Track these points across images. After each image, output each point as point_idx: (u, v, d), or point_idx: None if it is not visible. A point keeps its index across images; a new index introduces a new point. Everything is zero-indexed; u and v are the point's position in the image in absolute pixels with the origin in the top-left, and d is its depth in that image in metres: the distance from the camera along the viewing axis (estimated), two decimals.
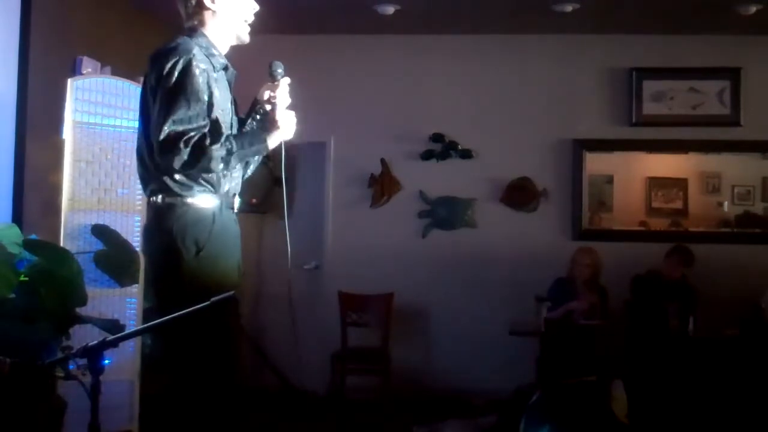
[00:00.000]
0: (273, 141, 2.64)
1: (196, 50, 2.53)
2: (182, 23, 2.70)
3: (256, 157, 2.73)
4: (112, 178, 4.19)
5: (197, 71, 2.49)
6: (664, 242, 5.61)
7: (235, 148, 2.50)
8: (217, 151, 2.44)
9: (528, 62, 6.12)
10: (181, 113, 2.43)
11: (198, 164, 2.44)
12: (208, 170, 2.49)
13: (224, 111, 2.62)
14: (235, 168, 2.61)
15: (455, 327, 6.02)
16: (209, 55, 2.58)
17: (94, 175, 4.14)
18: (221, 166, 2.49)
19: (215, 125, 2.53)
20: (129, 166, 4.10)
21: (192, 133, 2.42)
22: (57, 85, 4.09)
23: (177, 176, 2.53)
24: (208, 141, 2.44)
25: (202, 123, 2.48)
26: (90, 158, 4.12)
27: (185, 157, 2.41)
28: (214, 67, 2.58)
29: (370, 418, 5.46)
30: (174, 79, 2.45)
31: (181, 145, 2.40)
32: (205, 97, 2.51)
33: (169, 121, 2.42)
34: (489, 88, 6.14)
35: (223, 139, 2.48)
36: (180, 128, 2.42)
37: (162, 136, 2.42)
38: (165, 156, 2.43)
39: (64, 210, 4.03)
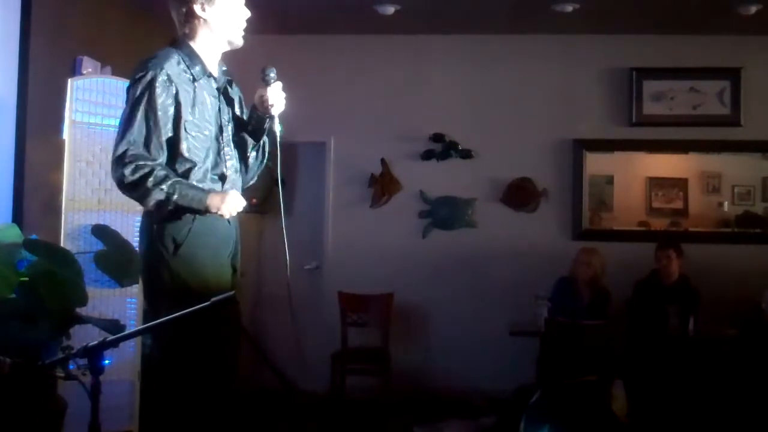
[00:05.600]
0: (212, 206, 2.57)
1: (171, 62, 2.56)
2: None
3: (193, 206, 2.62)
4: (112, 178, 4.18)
5: (159, 89, 2.52)
6: None
7: (175, 197, 2.50)
8: (157, 193, 2.49)
9: (528, 62, 6.11)
10: (137, 134, 2.51)
11: (134, 194, 2.53)
12: (140, 202, 2.56)
13: (202, 120, 2.61)
14: (167, 211, 2.56)
15: (455, 327, 6.02)
16: (190, 65, 2.60)
17: (94, 175, 4.14)
18: (152, 206, 2.52)
19: (173, 147, 2.56)
20: None
21: (142, 163, 2.49)
22: (57, 85, 4.09)
23: None
24: (151, 181, 2.48)
25: (159, 157, 2.53)
26: (90, 158, 4.12)
27: (126, 182, 2.50)
28: (194, 77, 2.59)
29: (370, 418, 5.47)
30: (137, 93, 2.52)
31: (129, 170, 2.48)
32: (169, 114, 2.54)
33: (126, 140, 2.50)
34: (489, 88, 6.14)
35: (168, 183, 2.49)
36: (135, 152, 2.50)
37: (118, 152, 2.51)
38: (114, 169, 2.53)
39: (64, 210, 4.03)
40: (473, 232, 6.12)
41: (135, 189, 2.51)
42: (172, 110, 2.55)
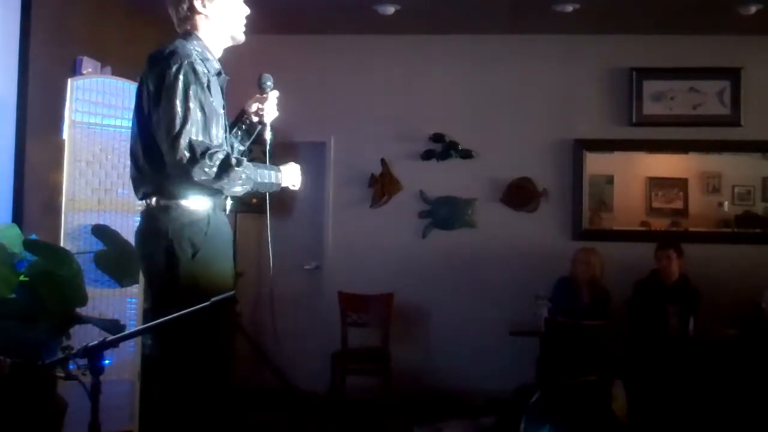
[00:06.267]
0: (285, 180, 2.67)
1: (193, 54, 2.54)
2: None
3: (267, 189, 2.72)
4: (112, 178, 4.19)
5: (200, 73, 2.49)
6: None
7: (252, 176, 2.52)
8: (240, 173, 2.47)
9: (528, 62, 6.11)
10: (195, 124, 2.44)
11: (219, 181, 2.45)
12: (221, 189, 2.50)
13: (218, 116, 2.62)
14: (241, 194, 2.61)
15: (455, 327, 6.02)
16: (204, 60, 2.58)
17: (94, 175, 4.15)
18: (235, 189, 2.52)
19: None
20: (129, 166, 4.11)
21: (214, 150, 2.44)
22: (57, 85, 4.09)
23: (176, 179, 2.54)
24: (234, 161, 2.46)
25: (222, 139, 2.52)
26: (90, 158, 4.13)
27: (212, 173, 2.42)
28: (208, 71, 2.59)
29: (370, 418, 5.46)
30: (180, 84, 2.45)
31: (207, 159, 2.41)
32: (216, 105, 2.52)
33: (185, 136, 2.41)
34: (489, 88, 6.13)
35: (245, 165, 2.50)
36: (201, 143, 2.43)
37: (182, 151, 2.41)
38: (187, 166, 2.42)
39: (64, 210, 4.03)
40: (473, 232, 6.12)
41: (221, 177, 2.43)
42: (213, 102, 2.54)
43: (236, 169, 2.45)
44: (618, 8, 5.36)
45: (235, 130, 2.83)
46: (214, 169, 2.42)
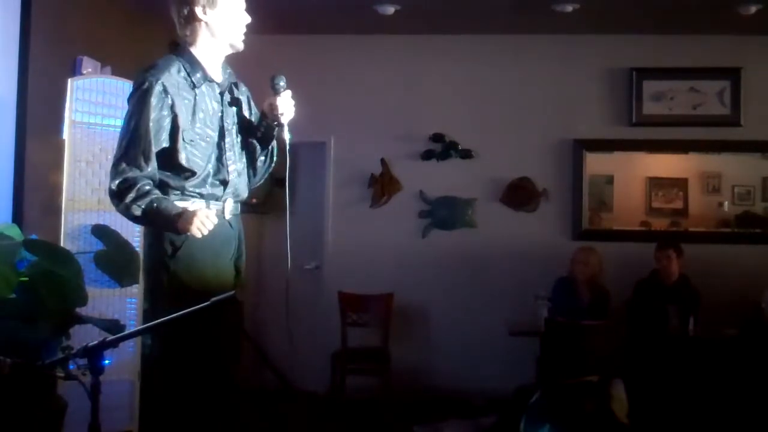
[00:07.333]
0: (181, 226, 2.51)
1: (170, 71, 2.57)
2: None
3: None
4: None
5: (154, 101, 2.52)
6: None
7: (149, 215, 2.51)
8: (134, 209, 2.50)
9: (528, 62, 6.12)
10: (130, 146, 2.52)
11: (118, 207, 2.54)
12: (122, 212, 2.56)
13: (203, 128, 2.62)
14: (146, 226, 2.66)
15: (455, 327, 6.02)
16: (191, 72, 2.61)
17: (94, 175, 4.15)
18: (132, 220, 2.58)
19: (171, 157, 2.57)
20: None
21: (130, 176, 2.50)
22: (57, 85, 4.10)
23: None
24: (131, 196, 2.49)
25: (147, 169, 2.52)
26: (90, 158, 4.13)
27: (111, 194, 2.54)
28: (194, 83, 2.60)
29: (370, 418, 5.47)
30: (133, 105, 2.56)
31: (117, 182, 2.51)
32: (164, 125, 2.55)
33: (121, 151, 2.54)
34: (489, 88, 6.14)
35: (147, 200, 2.49)
36: (127, 164, 2.51)
37: (113, 162, 2.55)
38: (109, 179, 2.56)
39: (64, 210, 4.03)
40: (473, 232, 6.12)
41: (118, 202, 2.54)
42: (168, 121, 2.55)
43: (128, 203, 2.49)
44: (618, 8, 5.37)
45: (256, 133, 2.82)
46: (114, 193, 2.53)
